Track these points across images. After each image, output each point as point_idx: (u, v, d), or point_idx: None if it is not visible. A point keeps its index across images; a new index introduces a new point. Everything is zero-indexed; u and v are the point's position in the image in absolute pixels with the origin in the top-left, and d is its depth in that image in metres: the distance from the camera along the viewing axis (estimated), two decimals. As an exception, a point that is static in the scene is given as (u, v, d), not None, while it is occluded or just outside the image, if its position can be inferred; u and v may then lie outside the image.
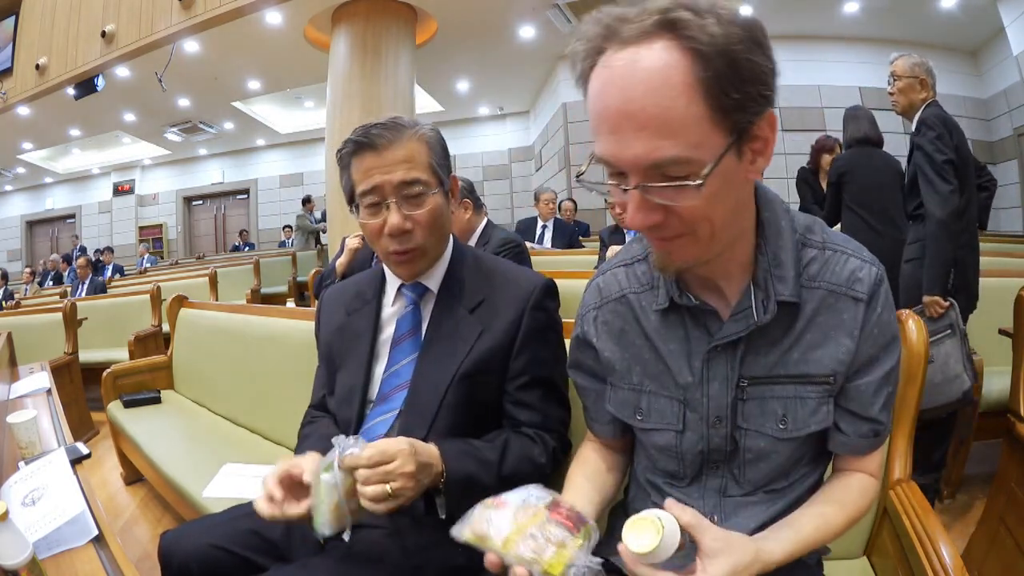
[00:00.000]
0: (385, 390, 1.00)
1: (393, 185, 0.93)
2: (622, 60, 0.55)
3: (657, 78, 0.53)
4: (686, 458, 0.77)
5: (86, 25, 6.61)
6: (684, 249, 0.63)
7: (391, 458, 0.78)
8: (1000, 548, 1.39)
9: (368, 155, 0.94)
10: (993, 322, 2.08)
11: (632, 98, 0.54)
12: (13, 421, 1.34)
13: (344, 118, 5.50)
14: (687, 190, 0.56)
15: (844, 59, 6.96)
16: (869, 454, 0.76)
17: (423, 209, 0.95)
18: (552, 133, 8.42)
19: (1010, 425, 1.38)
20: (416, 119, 0.99)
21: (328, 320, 1.13)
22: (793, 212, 0.73)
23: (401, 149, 0.94)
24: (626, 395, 0.80)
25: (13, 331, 2.75)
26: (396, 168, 0.93)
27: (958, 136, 2.03)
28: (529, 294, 0.99)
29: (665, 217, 0.59)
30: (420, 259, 0.99)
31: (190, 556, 0.91)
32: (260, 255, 7.45)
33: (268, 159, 12.04)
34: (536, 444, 0.97)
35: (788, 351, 0.70)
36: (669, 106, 0.53)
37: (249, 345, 2.13)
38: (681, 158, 0.55)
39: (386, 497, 0.78)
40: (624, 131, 0.55)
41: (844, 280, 0.69)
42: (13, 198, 13.78)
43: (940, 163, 1.97)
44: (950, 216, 1.94)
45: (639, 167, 0.57)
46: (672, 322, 0.75)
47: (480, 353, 0.96)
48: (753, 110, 0.56)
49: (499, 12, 6.15)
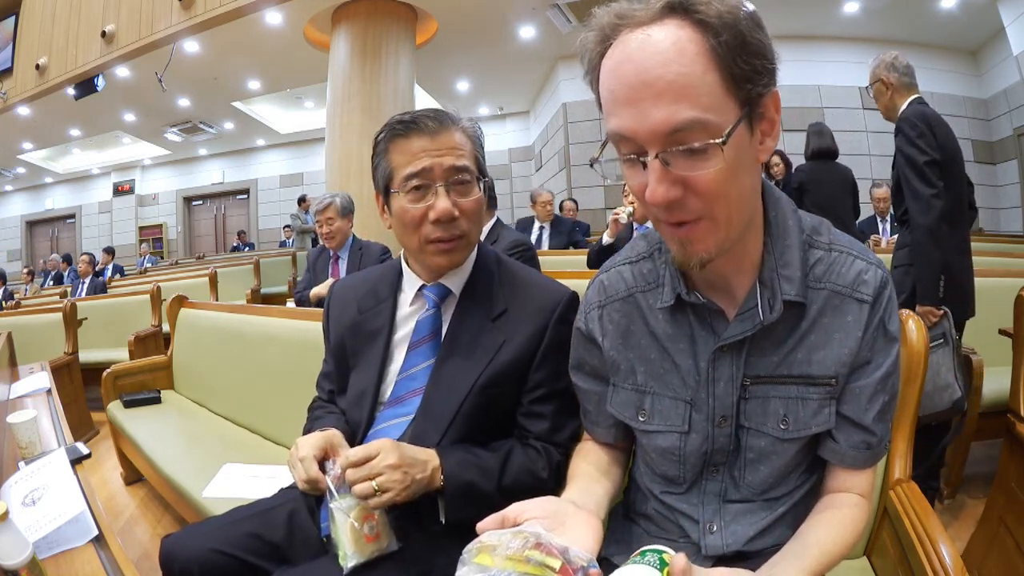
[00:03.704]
0: (400, 392, 0.99)
1: (444, 168, 0.91)
2: (636, 38, 0.57)
3: (672, 49, 0.56)
4: (688, 461, 0.76)
5: (86, 25, 6.61)
6: (703, 236, 0.62)
7: (375, 453, 0.81)
8: (1000, 548, 1.39)
9: (417, 138, 0.92)
10: (993, 322, 2.08)
11: (648, 68, 0.56)
12: (13, 421, 1.34)
13: (344, 118, 5.50)
14: (708, 156, 0.57)
15: (844, 59, 6.97)
16: (859, 470, 0.74)
17: (470, 198, 0.94)
18: (552, 133, 8.42)
19: (1010, 425, 1.38)
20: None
21: (339, 315, 1.10)
22: (801, 213, 0.73)
23: (455, 135, 0.93)
24: (629, 395, 0.79)
25: (13, 331, 2.75)
26: (447, 153, 0.92)
27: (943, 132, 1.93)
28: (555, 306, 0.97)
29: (684, 194, 0.59)
30: (464, 248, 0.97)
31: (191, 560, 0.91)
32: (260, 255, 7.45)
33: (268, 159, 12.04)
34: (541, 457, 0.96)
35: (792, 351, 0.70)
36: (685, 72, 0.55)
37: (249, 345, 2.13)
38: (699, 120, 0.56)
39: (373, 492, 0.79)
40: (642, 100, 0.56)
41: (850, 282, 0.69)
42: (13, 198, 13.79)
43: (921, 165, 1.89)
44: (935, 222, 1.86)
45: (659, 135, 0.57)
46: (679, 322, 0.74)
47: (500, 364, 0.94)
48: (761, 83, 0.58)
49: (499, 12, 6.15)
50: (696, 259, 0.63)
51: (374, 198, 1.03)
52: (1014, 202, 6.78)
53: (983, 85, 6.99)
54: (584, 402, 0.88)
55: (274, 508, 1.00)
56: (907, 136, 1.92)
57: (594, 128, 7.52)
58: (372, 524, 0.84)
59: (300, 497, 1.01)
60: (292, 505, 1.00)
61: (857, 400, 0.71)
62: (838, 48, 6.97)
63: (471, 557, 0.60)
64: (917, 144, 1.89)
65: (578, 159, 7.60)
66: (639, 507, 0.86)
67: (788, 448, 0.73)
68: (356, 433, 0.99)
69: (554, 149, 8.39)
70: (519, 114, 10.39)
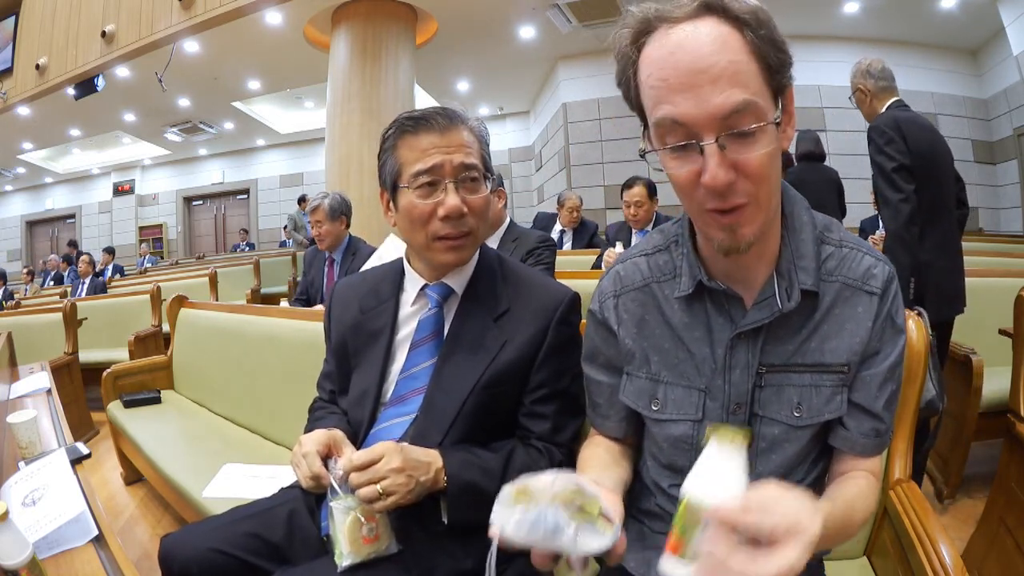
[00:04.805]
0: (401, 391, 0.99)
1: (454, 166, 0.92)
2: (683, 31, 0.61)
3: (719, 40, 0.61)
4: (701, 449, 0.77)
5: (86, 25, 6.61)
6: (750, 220, 0.65)
7: (378, 456, 0.81)
8: (1000, 548, 1.39)
9: (426, 134, 0.92)
10: (993, 322, 2.08)
11: (703, 56, 0.60)
12: (13, 421, 1.34)
13: (344, 118, 5.50)
14: (758, 139, 0.61)
15: (844, 59, 6.92)
16: (867, 457, 0.76)
17: (478, 195, 0.94)
18: (552, 133, 8.42)
19: (1010, 425, 1.38)
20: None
21: (341, 315, 1.10)
22: (813, 211, 0.76)
23: (463, 132, 0.94)
24: (643, 384, 0.80)
25: (13, 331, 2.76)
26: (457, 150, 0.92)
27: (915, 135, 1.95)
28: (556, 307, 0.97)
29: (736, 177, 0.62)
30: (471, 246, 0.97)
31: (190, 560, 0.91)
32: (260, 255, 7.44)
33: (268, 159, 12.04)
34: (543, 457, 0.96)
35: (806, 340, 0.72)
36: (736, 59, 0.60)
37: (249, 345, 2.13)
38: (752, 103, 0.60)
39: (378, 496, 0.79)
40: (700, 86, 0.60)
41: (860, 276, 0.72)
42: (13, 198, 13.79)
43: (889, 171, 1.92)
44: (902, 227, 1.89)
45: (716, 119, 0.60)
46: (695, 311, 0.76)
47: (502, 364, 0.95)
48: (786, 75, 0.65)
49: (499, 12, 6.15)
50: (744, 242, 0.66)
51: (375, 198, 1.03)
52: (1014, 202, 6.77)
53: (983, 85, 6.98)
54: (595, 395, 0.89)
55: (274, 508, 1.00)
56: (876, 145, 1.97)
57: (594, 128, 7.52)
58: (372, 526, 0.84)
59: (300, 497, 1.01)
60: (292, 505, 1.00)
61: (868, 388, 0.73)
62: (838, 48, 6.96)
63: (510, 498, 0.60)
64: (885, 151, 1.94)
65: (578, 159, 7.60)
66: (643, 504, 0.86)
67: (801, 436, 0.74)
68: (358, 433, 0.99)
69: (554, 149, 8.38)
70: (519, 114, 10.39)
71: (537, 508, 0.58)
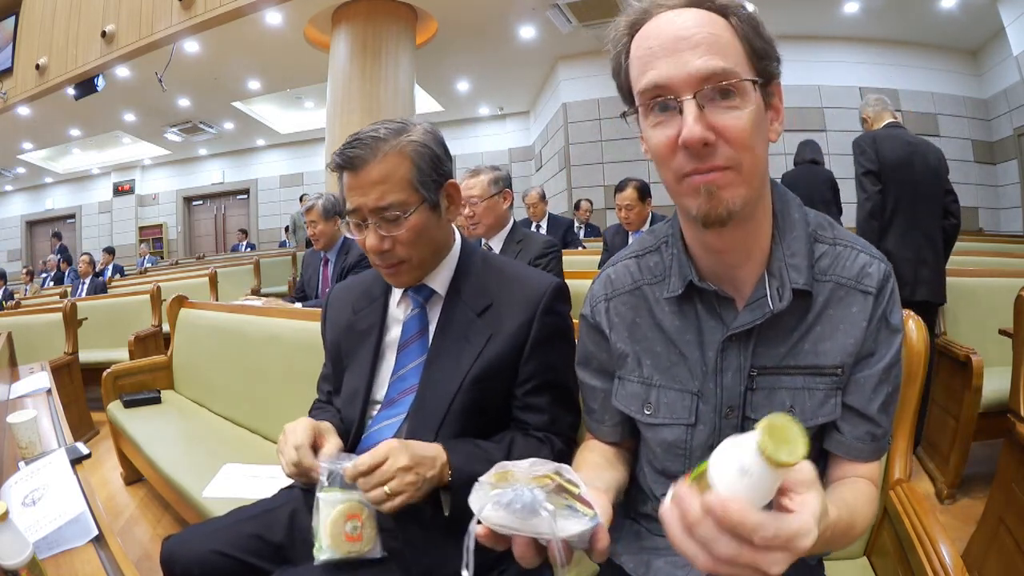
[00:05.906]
0: (392, 394, 0.99)
1: (369, 208, 0.91)
2: (670, 13, 0.65)
3: (704, 17, 0.64)
4: (694, 455, 0.76)
5: (86, 25, 6.62)
6: (730, 184, 0.64)
7: (383, 458, 0.80)
8: (1000, 548, 1.39)
9: (347, 174, 0.92)
10: (993, 322, 2.08)
11: (686, 26, 0.63)
12: (13, 421, 1.34)
13: (344, 118, 5.50)
14: (739, 103, 0.62)
15: (844, 59, 6.97)
16: (864, 463, 0.73)
17: (401, 230, 0.92)
18: (552, 133, 8.42)
19: (1010, 425, 1.38)
20: (409, 121, 0.96)
21: (336, 318, 1.11)
22: (806, 209, 0.75)
23: (376, 169, 0.90)
24: (635, 388, 0.79)
25: (13, 331, 2.76)
26: (371, 191, 0.91)
27: (887, 146, 2.36)
28: (540, 297, 0.97)
29: (715, 139, 0.62)
30: (408, 271, 0.97)
31: (192, 562, 0.91)
32: (260, 255, 7.44)
33: (268, 159, 12.04)
34: (544, 446, 0.96)
35: (799, 342, 0.71)
36: (718, 33, 0.63)
37: (249, 345, 2.13)
38: (732, 72, 0.62)
39: (387, 497, 0.78)
40: (681, 51, 0.62)
41: (854, 275, 0.71)
42: (13, 198, 13.79)
43: (859, 176, 2.41)
44: (863, 220, 2.37)
45: (695, 80, 0.62)
46: (686, 313, 0.75)
47: (489, 358, 0.95)
48: (772, 65, 0.66)
49: (499, 12, 6.15)
50: (724, 208, 0.64)
51: None
52: (1014, 202, 6.78)
53: (983, 85, 6.99)
54: (589, 400, 0.88)
55: (275, 509, 1.00)
56: (853, 155, 2.46)
57: (594, 128, 7.52)
58: (356, 524, 0.83)
59: (301, 497, 1.01)
60: (293, 505, 1.00)
61: (862, 390, 0.71)
62: (838, 48, 6.97)
63: (488, 483, 0.59)
64: (858, 160, 2.42)
65: (578, 159, 7.61)
66: (640, 508, 0.86)
67: None
68: (350, 431, 0.99)
69: (554, 149, 8.39)
70: (519, 114, 10.39)
71: (514, 489, 0.57)
